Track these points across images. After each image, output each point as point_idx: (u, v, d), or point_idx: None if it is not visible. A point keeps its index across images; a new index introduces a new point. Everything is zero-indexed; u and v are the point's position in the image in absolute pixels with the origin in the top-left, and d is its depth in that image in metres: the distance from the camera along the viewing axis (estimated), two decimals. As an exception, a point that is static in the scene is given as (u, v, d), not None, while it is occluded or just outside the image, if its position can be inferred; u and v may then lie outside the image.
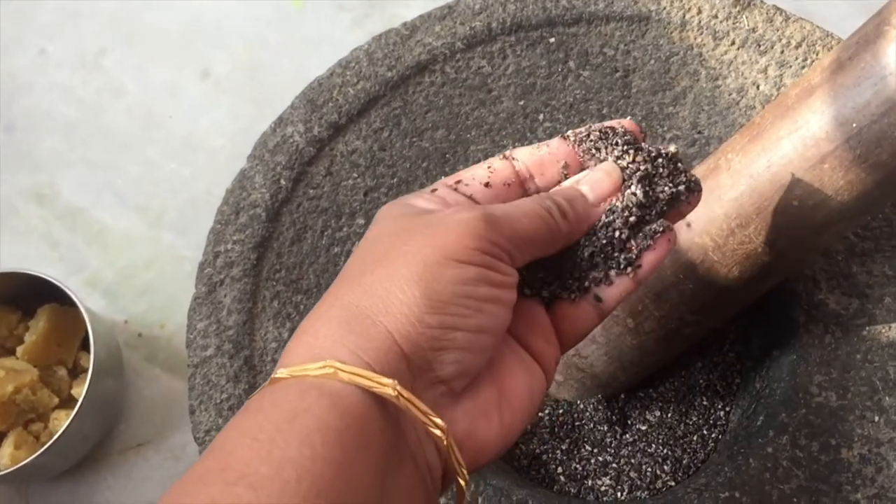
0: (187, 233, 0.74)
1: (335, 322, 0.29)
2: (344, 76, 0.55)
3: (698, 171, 0.47)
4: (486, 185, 0.35)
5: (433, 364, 0.30)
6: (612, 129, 0.35)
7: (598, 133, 0.35)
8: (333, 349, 0.29)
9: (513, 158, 0.35)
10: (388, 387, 0.28)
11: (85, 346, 0.65)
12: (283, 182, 0.52)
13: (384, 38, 0.56)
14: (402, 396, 0.28)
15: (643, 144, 0.35)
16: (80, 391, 0.58)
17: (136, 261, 0.73)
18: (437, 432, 0.29)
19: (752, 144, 0.44)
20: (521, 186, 0.35)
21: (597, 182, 0.34)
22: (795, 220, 0.43)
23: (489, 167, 0.35)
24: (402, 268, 0.30)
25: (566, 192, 0.34)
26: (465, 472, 0.30)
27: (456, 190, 0.34)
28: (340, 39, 0.81)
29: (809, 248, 0.45)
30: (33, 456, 0.56)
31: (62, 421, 0.60)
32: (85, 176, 0.76)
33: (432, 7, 0.80)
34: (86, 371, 0.60)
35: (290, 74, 0.80)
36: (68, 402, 0.63)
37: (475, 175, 0.35)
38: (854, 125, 0.40)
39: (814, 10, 0.76)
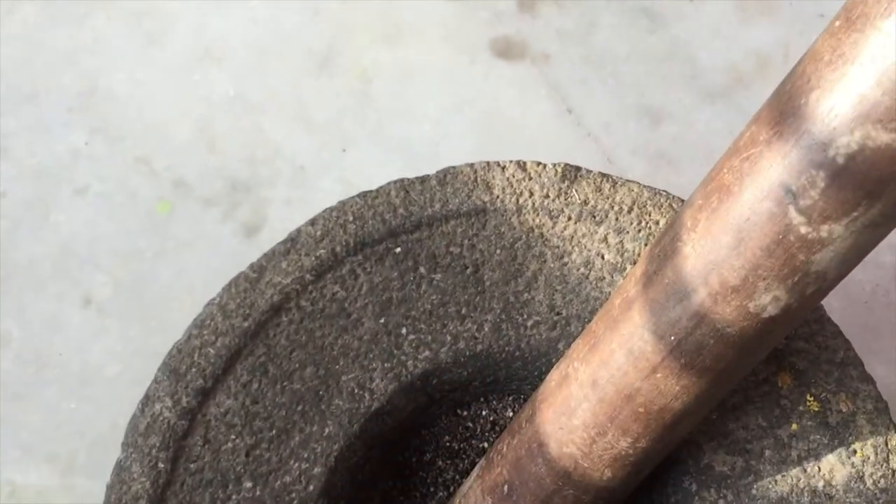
0: (103, 473, 0.72)
1: None
2: (202, 336, 0.55)
3: (553, 377, 0.48)
4: None
5: None
6: None
7: None
8: None
9: None
10: None
11: None
12: (161, 465, 0.52)
13: (233, 286, 0.56)
14: None
15: None
16: None
17: (55, 515, 0.72)
18: None
19: (592, 355, 0.45)
20: None
21: None
22: (648, 423, 0.44)
23: None
24: None
25: None
26: None
27: None
28: (214, 235, 0.82)
29: (669, 442, 0.46)
30: None
31: None
32: (-15, 438, 0.75)
33: (293, 192, 0.80)
34: None
35: (172, 282, 0.80)
36: None
37: None
38: (672, 338, 0.41)
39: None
